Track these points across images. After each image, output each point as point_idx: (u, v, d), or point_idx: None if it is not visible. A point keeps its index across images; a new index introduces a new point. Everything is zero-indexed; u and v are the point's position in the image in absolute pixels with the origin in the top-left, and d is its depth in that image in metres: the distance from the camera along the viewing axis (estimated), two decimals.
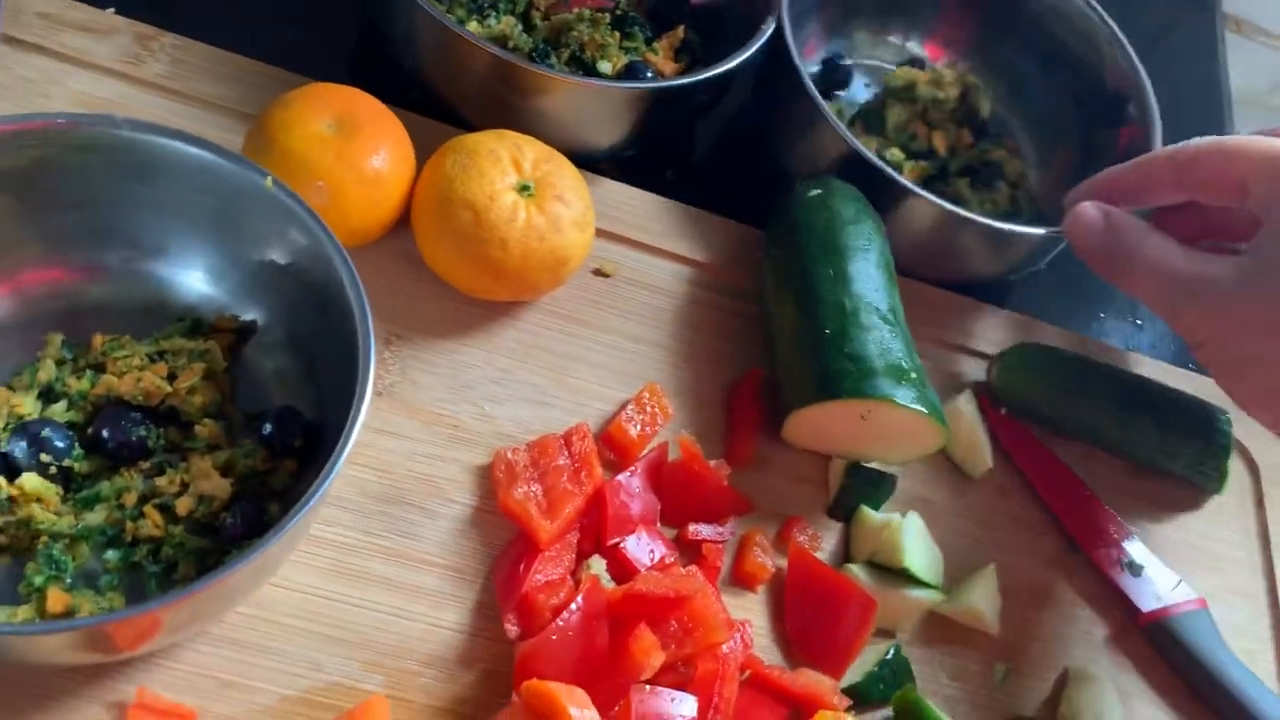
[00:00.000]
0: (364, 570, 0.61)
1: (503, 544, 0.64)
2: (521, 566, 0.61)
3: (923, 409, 0.65)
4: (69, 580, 0.55)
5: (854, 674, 0.64)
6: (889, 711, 0.64)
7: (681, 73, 0.84)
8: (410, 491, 0.64)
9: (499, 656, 0.60)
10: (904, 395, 0.65)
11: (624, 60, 0.82)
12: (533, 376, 0.70)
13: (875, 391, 0.64)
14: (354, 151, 0.65)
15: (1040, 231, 0.76)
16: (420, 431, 0.66)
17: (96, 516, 0.56)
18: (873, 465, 0.71)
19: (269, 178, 0.58)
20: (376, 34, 0.81)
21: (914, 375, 0.66)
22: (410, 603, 0.60)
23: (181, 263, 0.62)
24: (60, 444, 0.56)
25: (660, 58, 0.85)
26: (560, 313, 0.73)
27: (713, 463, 0.68)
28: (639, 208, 0.78)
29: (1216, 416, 0.77)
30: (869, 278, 0.69)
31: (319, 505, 0.52)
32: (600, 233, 0.74)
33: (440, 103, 0.75)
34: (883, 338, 0.67)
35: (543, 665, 0.56)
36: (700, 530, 0.66)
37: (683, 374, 0.73)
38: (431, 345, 0.69)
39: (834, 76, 0.92)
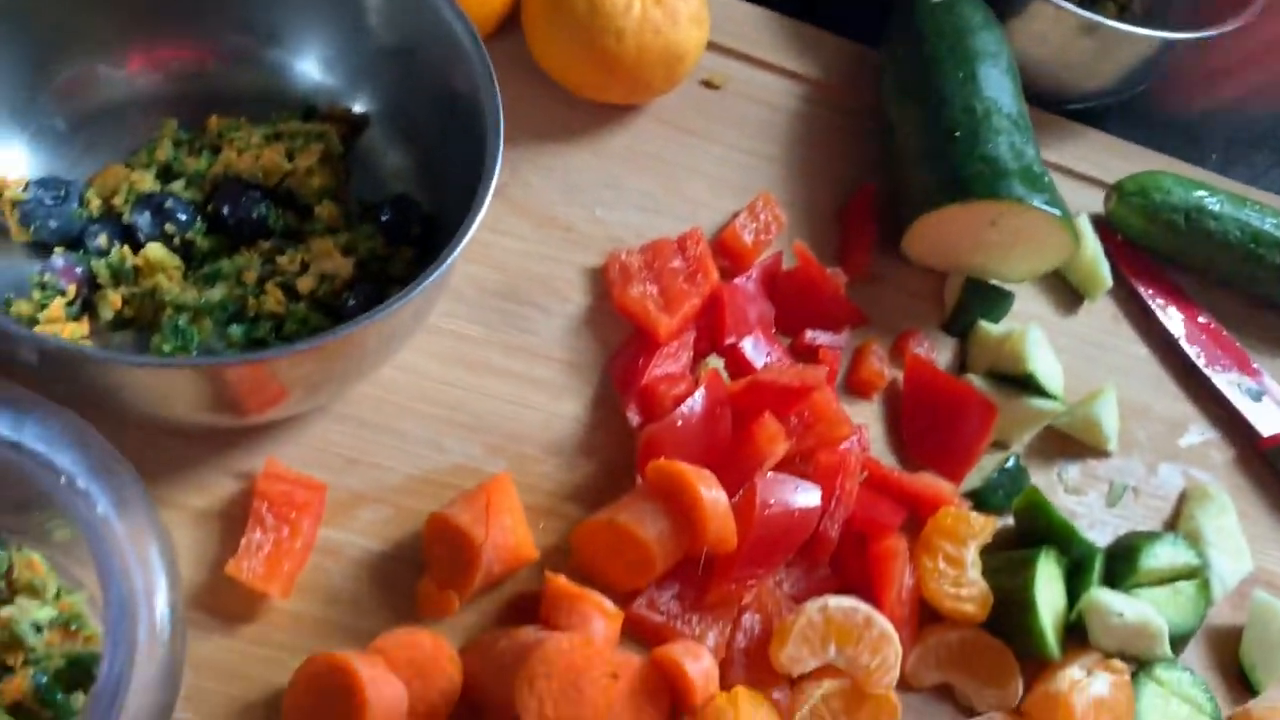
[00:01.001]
0: (484, 361, 0.60)
1: (617, 343, 0.62)
2: (641, 360, 0.60)
3: (1057, 212, 0.63)
4: (195, 353, 0.54)
5: (972, 480, 0.63)
6: (1008, 520, 0.63)
7: None
8: (526, 289, 0.62)
9: (618, 447, 0.59)
10: (1039, 198, 0.62)
11: None
12: (644, 183, 0.68)
13: (1010, 193, 0.62)
14: None
15: (1162, 34, 0.73)
16: (533, 232, 0.64)
17: (218, 293, 0.55)
18: (992, 281, 0.69)
19: None
20: None
21: (1046, 179, 0.64)
22: (531, 393, 0.60)
23: (295, 49, 0.61)
24: (183, 216, 0.55)
25: None
26: (670, 121, 0.71)
27: (829, 270, 0.66)
28: (748, 20, 0.75)
29: None
30: (998, 82, 0.67)
31: (439, 286, 0.51)
32: (710, 45, 0.71)
33: None
34: (1014, 141, 0.64)
35: (668, 450, 0.56)
36: (817, 336, 0.65)
37: (796, 187, 0.71)
38: (542, 148, 0.67)
39: None
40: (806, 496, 0.56)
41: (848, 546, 0.58)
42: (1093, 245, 0.72)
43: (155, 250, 0.54)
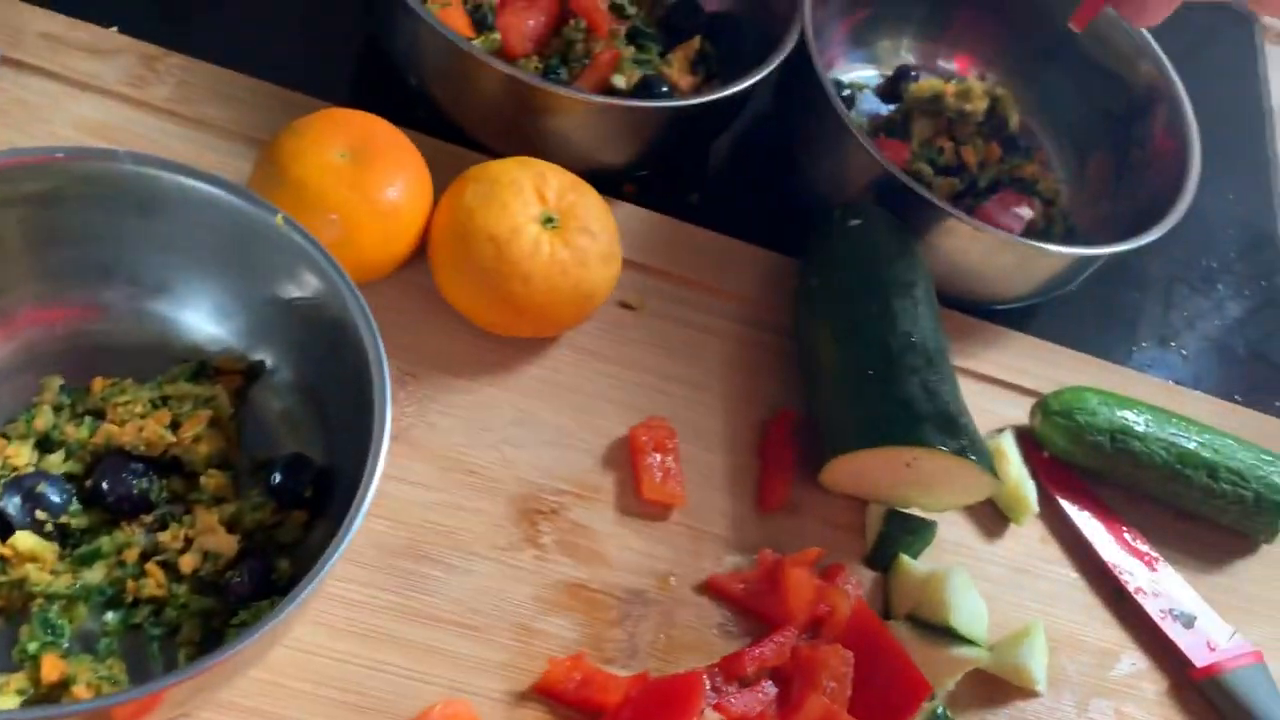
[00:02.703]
0: (378, 629, 0.57)
1: (524, 600, 0.60)
2: None
3: (973, 459, 0.61)
4: (66, 645, 0.51)
5: None
6: None
7: (699, 86, 0.80)
8: (426, 544, 0.60)
9: None
10: (953, 444, 0.61)
11: (638, 74, 0.79)
12: (556, 416, 0.66)
13: (923, 439, 0.61)
14: (369, 182, 0.61)
15: (1086, 251, 0.73)
16: (436, 478, 0.62)
17: (95, 575, 0.53)
18: (912, 511, 0.68)
19: (280, 215, 0.54)
20: (379, 50, 0.77)
21: (962, 421, 0.63)
22: (431, 665, 0.57)
23: (186, 301, 0.59)
24: (57, 499, 0.53)
25: (675, 70, 0.81)
26: (584, 348, 0.69)
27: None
28: (663, 235, 0.75)
29: (1271, 470, 0.73)
30: (914, 316, 0.66)
31: (334, 567, 0.48)
32: (625, 263, 0.70)
33: (447, 121, 0.71)
34: (928, 381, 0.63)
35: None
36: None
37: (713, 413, 0.69)
38: (448, 384, 0.65)
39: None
40: None
41: None
42: (1017, 469, 0.71)
43: (24, 539, 0.51)
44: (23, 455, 0.54)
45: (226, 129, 0.69)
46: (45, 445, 0.55)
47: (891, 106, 0.88)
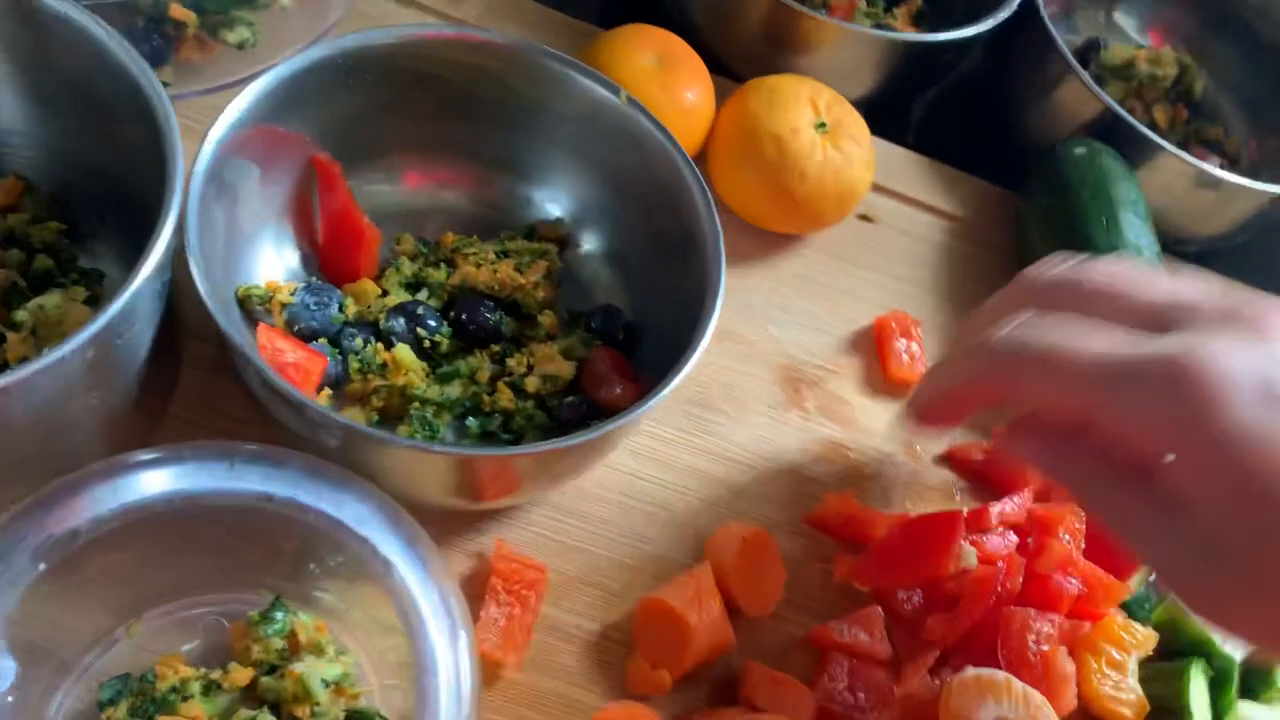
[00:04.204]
0: (677, 459, 0.66)
1: (794, 450, 0.68)
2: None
3: None
4: (439, 442, 0.61)
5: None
6: None
7: None
8: (712, 396, 0.69)
9: (797, 550, 0.65)
10: None
11: (868, 24, 0.88)
12: (810, 304, 0.75)
13: None
14: (675, 85, 0.71)
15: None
16: (714, 344, 0.71)
17: (456, 390, 0.62)
18: None
19: (623, 94, 0.64)
20: None
21: None
22: (720, 493, 0.66)
23: (530, 180, 0.68)
24: (433, 322, 0.62)
25: (899, 23, 0.90)
26: (831, 250, 0.78)
27: None
28: (896, 160, 0.83)
29: None
30: (1138, 229, 0.74)
31: (657, 403, 0.57)
32: None
33: (701, 46, 0.78)
34: None
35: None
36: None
37: (943, 312, 0.78)
38: None
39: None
40: None
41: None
42: None
43: (403, 351, 0.61)
44: (399, 296, 0.64)
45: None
46: (412, 287, 0.65)
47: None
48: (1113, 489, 0.45)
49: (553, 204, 0.69)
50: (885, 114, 0.88)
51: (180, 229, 0.51)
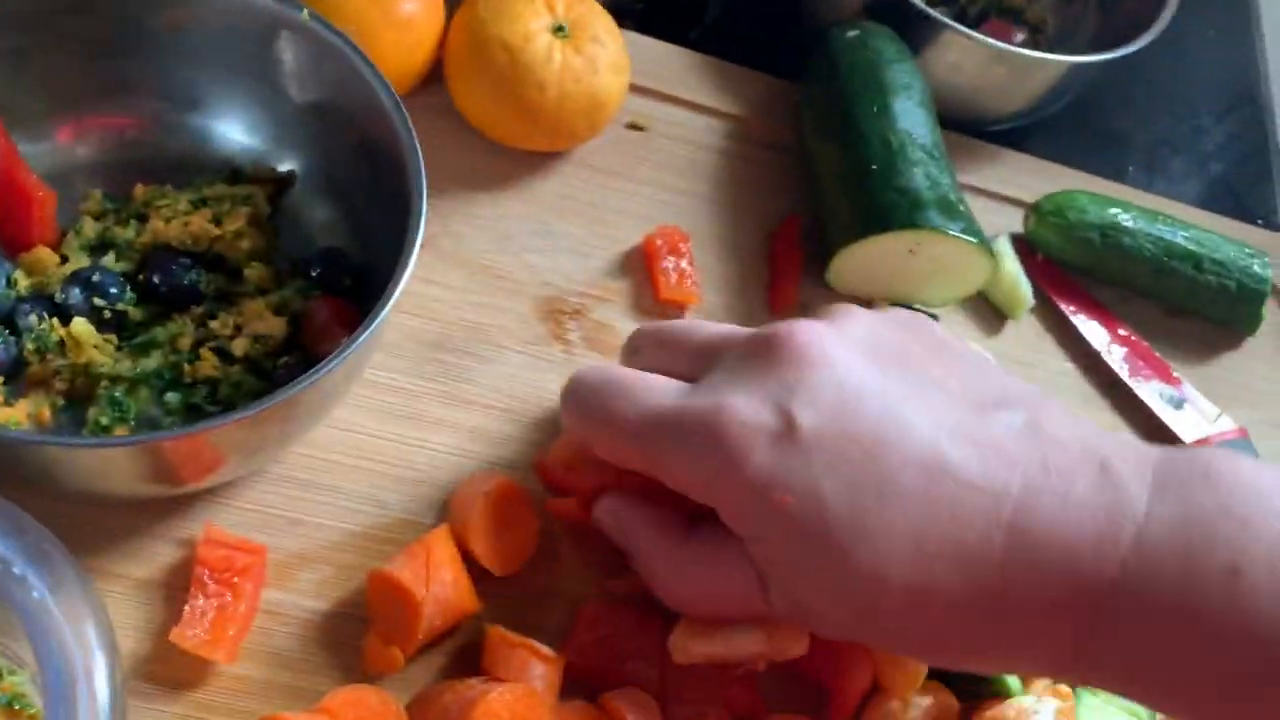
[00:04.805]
0: (421, 412, 0.61)
1: (555, 390, 0.63)
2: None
3: (972, 239, 0.65)
4: (132, 423, 0.55)
5: None
6: None
7: None
8: (461, 338, 0.63)
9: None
10: (954, 226, 0.64)
11: None
12: (573, 228, 0.69)
13: (926, 222, 0.64)
14: None
15: (1069, 59, 0.76)
16: (464, 281, 0.65)
17: (153, 361, 0.56)
18: (916, 307, 0.71)
19: (305, 10, 0.57)
20: None
21: (962, 208, 0.66)
22: (469, 443, 0.60)
23: (216, 113, 0.61)
24: (114, 289, 0.56)
25: None
26: (596, 165, 0.72)
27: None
28: (668, 61, 0.77)
29: (1252, 261, 0.77)
30: (912, 114, 0.69)
31: (372, 342, 0.51)
32: (632, 87, 0.73)
33: None
34: (930, 172, 0.66)
35: None
36: None
37: (722, 224, 0.73)
38: (470, 198, 0.68)
39: None
40: None
41: None
42: (1012, 266, 0.74)
43: (80, 325, 0.54)
44: (80, 263, 0.57)
45: None
46: (96, 249, 0.58)
47: None
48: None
49: (251, 137, 0.62)
50: (664, 9, 0.82)
51: None
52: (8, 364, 0.54)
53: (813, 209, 0.72)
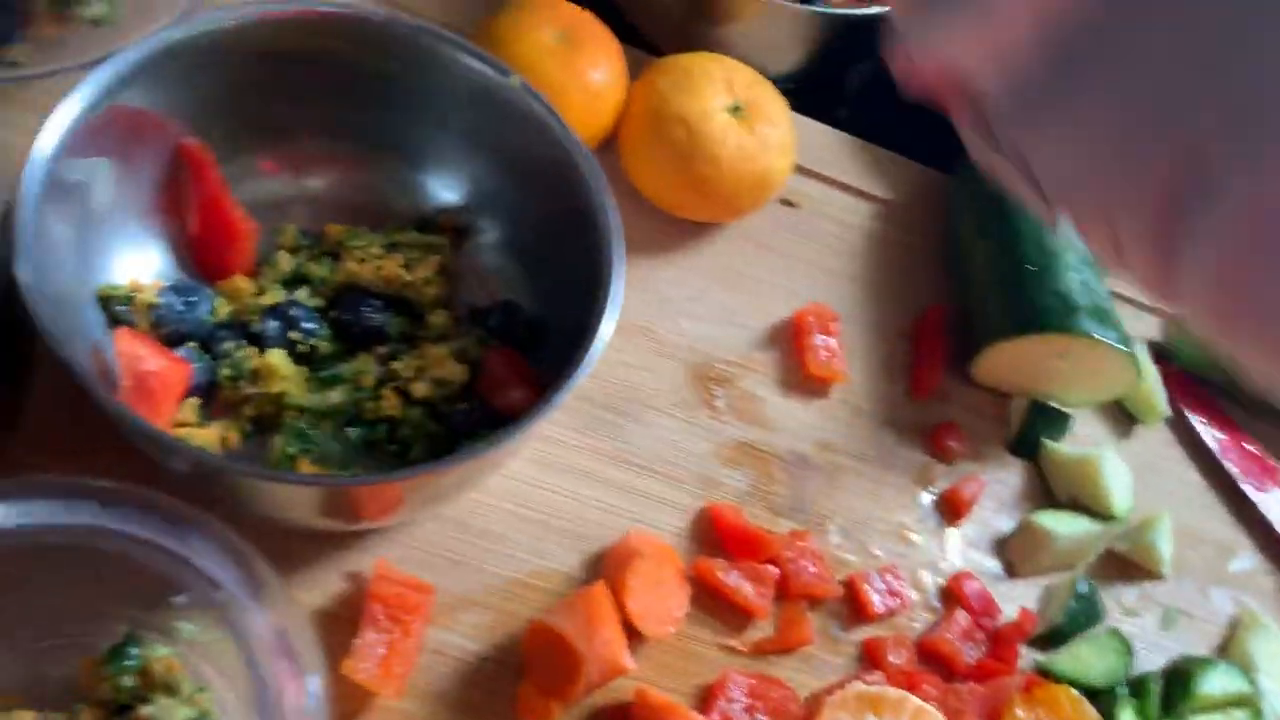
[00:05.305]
0: (580, 467, 0.63)
1: (703, 454, 0.65)
2: None
3: (1125, 350, 0.66)
4: (315, 453, 0.57)
5: (1054, 613, 0.65)
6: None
7: (854, 4, 0.85)
8: (616, 396, 0.65)
9: None
10: (1109, 335, 0.66)
11: None
12: (724, 296, 0.71)
13: (1082, 329, 0.65)
14: (579, 63, 0.66)
15: None
16: (623, 341, 0.67)
17: (337, 396, 0.58)
18: (1052, 404, 0.72)
19: (515, 77, 0.59)
20: None
21: (1115, 317, 0.67)
22: (626, 503, 0.62)
23: (414, 162, 0.64)
24: (309, 324, 0.58)
25: None
26: (751, 237, 0.74)
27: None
28: (821, 141, 0.79)
29: None
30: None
31: (553, 410, 0.53)
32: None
33: (619, 18, 0.75)
34: (1085, 277, 0.68)
35: None
36: None
37: (866, 304, 0.74)
38: (631, 259, 0.70)
39: None
40: None
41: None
42: (1151, 375, 0.75)
43: (276, 356, 0.57)
44: (275, 295, 0.59)
45: (423, 12, 0.73)
46: (291, 284, 0.61)
47: None
48: None
49: (447, 191, 0.64)
50: (818, 88, 0.84)
51: (5, 234, 0.46)
52: (204, 386, 0.57)
53: (957, 298, 0.74)
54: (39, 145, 0.50)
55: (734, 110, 0.68)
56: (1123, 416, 0.76)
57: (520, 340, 0.61)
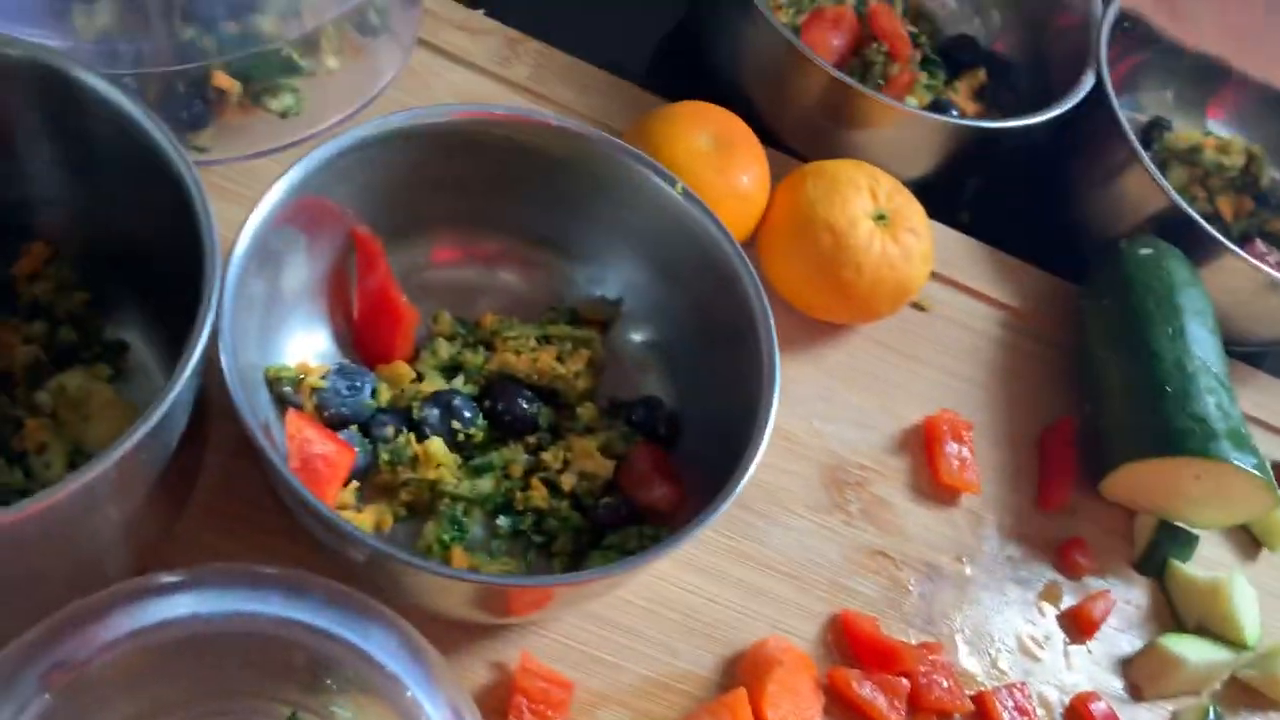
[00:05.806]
0: (714, 566, 0.63)
1: (835, 559, 0.66)
2: None
3: (1262, 477, 0.66)
4: (466, 541, 0.58)
5: None
6: None
7: (980, 114, 0.86)
8: (753, 497, 0.66)
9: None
10: (1247, 462, 0.65)
11: (929, 98, 0.85)
12: (855, 398, 0.72)
13: (1220, 454, 0.65)
14: (729, 168, 0.68)
15: None
16: None
17: (487, 484, 0.59)
18: (1180, 525, 0.72)
19: (679, 185, 0.61)
20: (690, 35, 0.84)
21: (1251, 441, 0.67)
22: (759, 605, 0.63)
23: (570, 258, 0.65)
24: (468, 414, 0.60)
25: (961, 97, 0.87)
26: (881, 340, 0.75)
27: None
28: (953, 246, 0.80)
29: None
30: (1205, 341, 0.71)
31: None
32: None
33: (757, 120, 0.74)
34: (1222, 401, 0.68)
35: None
36: None
37: (995, 412, 0.75)
38: None
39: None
40: None
41: None
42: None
43: (436, 445, 0.58)
44: (435, 383, 0.61)
45: (573, 109, 0.76)
46: (449, 371, 0.62)
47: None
48: None
49: (598, 287, 0.66)
50: (939, 190, 0.85)
51: (217, 310, 0.48)
52: (363, 470, 0.58)
53: (1089, 415, 0.74)
54: (251, 220, 0.52)
55: (878, 219, 0.69)
56: (1248, 540, 0.75)
57: (661, 435, 0.62)
